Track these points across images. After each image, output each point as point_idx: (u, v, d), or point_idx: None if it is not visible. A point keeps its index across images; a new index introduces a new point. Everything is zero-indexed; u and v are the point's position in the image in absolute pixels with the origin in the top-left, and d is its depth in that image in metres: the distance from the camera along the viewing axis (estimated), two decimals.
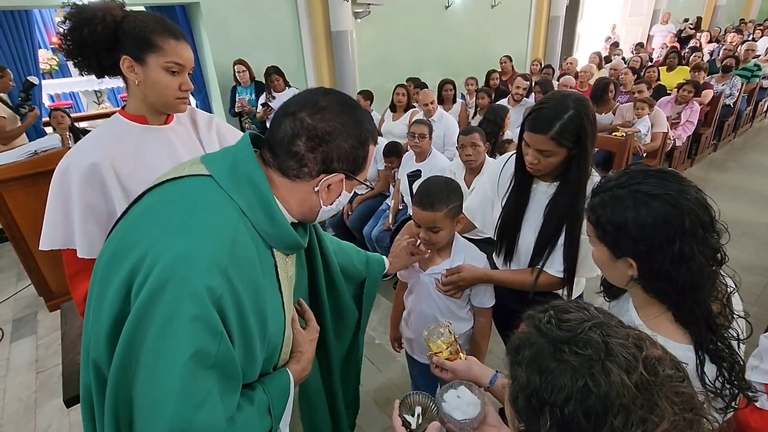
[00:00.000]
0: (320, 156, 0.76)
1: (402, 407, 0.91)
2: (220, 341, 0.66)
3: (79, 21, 1.06)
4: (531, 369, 0.50)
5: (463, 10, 6.79)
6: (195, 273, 0.64)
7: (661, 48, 8.71)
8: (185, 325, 0.63)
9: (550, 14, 8.14)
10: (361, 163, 0.81)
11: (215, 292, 0.65)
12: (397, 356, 2.45)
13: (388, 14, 5.81)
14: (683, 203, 0.74)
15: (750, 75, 5.82)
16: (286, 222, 0.79)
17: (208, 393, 0.66)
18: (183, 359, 0.63)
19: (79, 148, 1.16)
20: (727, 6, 13.78)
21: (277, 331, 0.83)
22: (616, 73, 5.75)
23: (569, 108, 1.15)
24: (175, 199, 0.74)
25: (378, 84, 5.73)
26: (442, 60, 6.73)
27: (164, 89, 1.12)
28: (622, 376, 0.45)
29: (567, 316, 0.52)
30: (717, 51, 7.97)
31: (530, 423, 0.50)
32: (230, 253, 0.68)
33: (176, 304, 0.63)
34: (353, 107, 0.79)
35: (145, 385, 0.65)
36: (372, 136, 0.82)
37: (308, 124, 0.74)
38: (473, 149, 2.33)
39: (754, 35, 9.09)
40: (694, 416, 0.46)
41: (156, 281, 0.64)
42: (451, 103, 4.67)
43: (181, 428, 0.63)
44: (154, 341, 0.64)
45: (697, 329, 0.77)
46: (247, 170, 0.75)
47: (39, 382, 2.48)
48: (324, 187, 0.79)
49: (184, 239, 0.67)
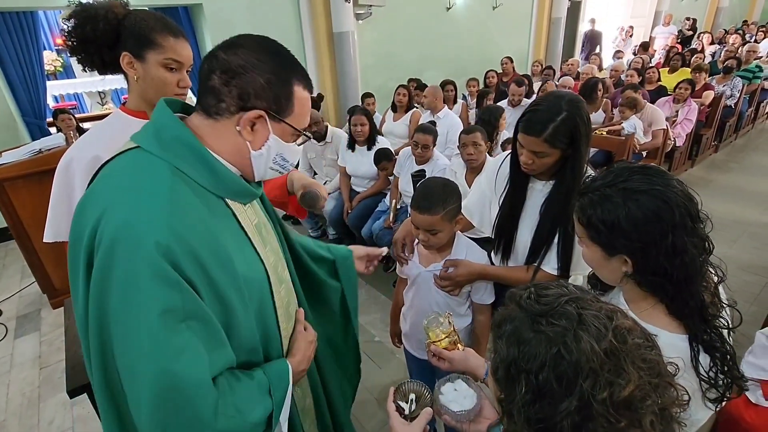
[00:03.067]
0: (235, 90, 0.74)
1: (397, 394, 0.93)
2: (182, 291, 0.67)
3: (83, 18, 1.10)
4: (510, 341, 0.53)
5: (464, 11, 6.82)
6: (138, 234, 0.66)
7: (663, 49, 8.71)
8: (143, 286, 0.65)
9: (551, 16, 8.15)
10: (285, 103, 0.78)
11: (161, 245, 0.65)
12: (396, 353, 2.47)
13: (390, 15, 5.84)
14: (671, 196, 0.75)
15: (752, 76, 5.81)
16: (224, 167, 0.79)
17: (185, 344, 0.67)
18: (151, 319, 0.64)
19: (81, 143, 1.19)
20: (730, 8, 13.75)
21: (255, 276, 0.83)
22: (617, 74, 5.77)
23: (562, 110, 1.16)
24: (107, 176, 0.75)
25: (380, 84, 5.77)
26: (444, 61, 6.76)
27: (163, 85, 1.15)
28: (592, 342, 0.48)
29: (546, 292, 0.55)
30: (719, 52, 7.96)
31: (509, 391, 0.52)
32: (170, 207, 0.69)
33: (129, 268, 0.65)
34: (274, 48, 0.78)
35: (121, 354, 0.67)
36: (299, 78, 0.79)
37: (222, 59, 0.74)
38: (474, 148, 2.35)
39: (757, 37, 9.07)
40: (660, 381, 0.49)
41: (104, 254, 0.66)
42: (452, 104, 4.69)
43: (167, 383, 0.65)
44: (118, 310, 0.65)
45: (691, 320, 0.78)
46: (172, 131, 0.76)
47: (42, 378, 2.51)
48: (246, 126, 0.76)
49: (122, 207, 0.68)
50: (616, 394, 0.46)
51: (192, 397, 0.67)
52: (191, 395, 0.67)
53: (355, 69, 5.45)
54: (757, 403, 1.55)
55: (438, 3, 6.52)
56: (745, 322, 0.83)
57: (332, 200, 3.55)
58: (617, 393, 0.46)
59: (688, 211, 0.76)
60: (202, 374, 0.68)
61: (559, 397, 0.48)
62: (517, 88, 4.22)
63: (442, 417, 0.91)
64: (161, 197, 0.70)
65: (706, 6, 13.20)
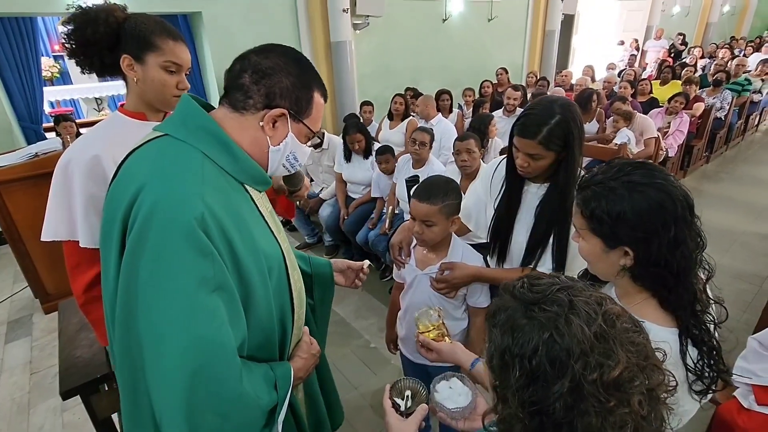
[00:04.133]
0: (263, 89, 0.81)
1: (393, 391, 0.94)
2: (214, 262, 0.72)
3: (83, 21, 1.12)
4: (504, 329, 0.55)
5: (460, 23, 6.93)
6: (178, 206, 0.71)
7: (654, 62, 8.89)
8: (181, 254, 0.69)
9: (545, 28, 8.30)
10: (305, 106, 0.86)
11: (196, 213, 0.70)
12: (392, 359, 2.46)
13: (387, 26, 5.92)
14: (672, 190, 0.78)
15: (741, 89, 5.94)
16: (246, 156, 0.85)
17: (217, 312, 0.71)
18: (189, 285, 0.69)
19: (79, 144, 1.20)
20: (719, 23, 14.10)
21: (273, 254, 0.88)
22: (610, 86, 5.87)
23: (556, 113, 1.19)
24: (142, 157, 0.81)
25: (377, 93, 5.82)
26: (440, 71, 6.84)
27: (162, 87, 1.18)
28: (583, 326, 0.50)
29: (538, 282, 0.57)
30: (708, 66, 8.14)
31: (503, 377, 0.54)
32: (202, 182, 0.75)
33: (165, 237, 0.69)
34: (299, 57, 0.86)
35: (150, 323, 0.69)
36: (318, 86, 0.88)
37: (254, 61, 0.82)
38: (468, 155, 2.38)
39: (745, 51, 9.29)
40: (647, 364, 0.51)
41: (141, 225, 0.70)
42: (447, 113, 4.75)
43: (202, 348, 0.69)
44: (149, 278, 0.69)
45: (684, 312, 0.80)
46: (198, 120, 0.82)
47: (33, 383, 2.47)
48: (269, 123, 0.83)
49: (161, 182, 0.74)
50: (606, 375, 0.48)
51: (222, 364, 0.72)
52: (222, 362, 0.71)
53: (353, 78, 5.51)
54: (750, 408, 1.56)
55: (434, 14, 6.63)
56: (738, 330, 0.86)
57: (328, 207, 3.56)
58: (607, 374, 0.48)
59: (688, 204, 0.78)
60: (231, 343, 0.73)
61: (552, 379, 0.49)
62: (513, 92, 4.27)
63: (437, 414, 0.91)
64: (196, 175, 0.76)
65: (696, 21, 13.52)
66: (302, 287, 1.04)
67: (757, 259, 3.43)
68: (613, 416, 0.48)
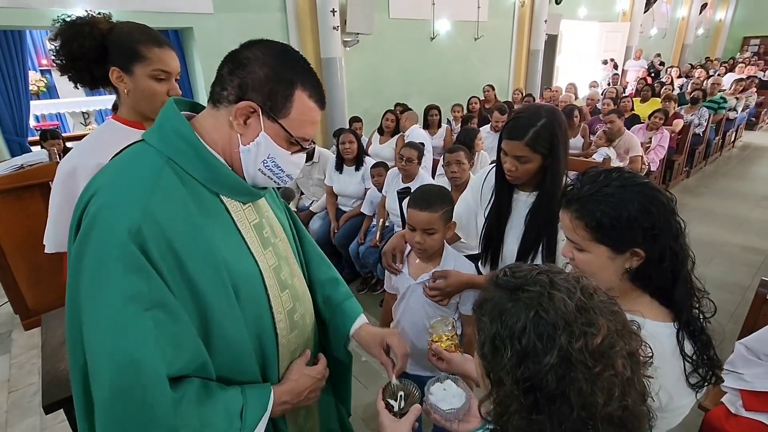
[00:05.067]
0: (237, 80, 0.75)
1: (385, 392, 0.94)
2: (149, 278, 0.67)
3: (69, 36, 1.12)
4: (492, 315, 0.58)
5: (447, 41, 7.11)
6: (114, 216, 0.68)
7: (635, 81, 9.21)
8: (110, 269, 0.66)
9: (530, 48, 8.56)
10: (282, 102, 0.76)
11: (131, 224, 0.67)
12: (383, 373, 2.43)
13: (376, 43, 6.04)
14: (655, 186, 0.83)
15: (717, 107, 6.19)
16: (221, 164, 0.79)
17: (146, 333, 0.66)
18: (115, 303, 0.65)
19: (82, 151, 1.18)
20: (694, 45, 14.76)
21: (246, 274, 0.81)
22: (593, 103, 6.07)
23: (542, 116, 1.23)
24: (109, 165, 0.79)
25: (366, 109, 5.89)
26: (429, 87, 6.98)
27: (153, 96, 1.17)
28: (565, 299, 0.54)
29: (519, 269, 0.61)
30: (686, 85, 8.47)
31: (496, 361, 0.56)
32: (152, 191, 0.71)
33: (99, 251, 0.67)
34: (284, 50, 0.78)
35: (87, 340, 0.67)
36: (304, 84, 0.77)
37: (236, 51, 0.77)
38: (458, 167, 2.42)
39: (720, 71, 9.71)
40: (624, 330, 0.56)
41: (82, 235, 0.69)
42: (436, 128, 4.82)
43: (125, 369, 0.65)
44: (87, 294, 0.67)
45: (685, 306, 0.82)
46: (172, 124, 0.78)
47: (11, 402, 2.38)
48: (238, 118, 0.75)
49: (107, 190, 0.71)
50: (590, 341, 0.52)
51: (149, 389, 0.65)
52: (148, 387, 0.65)
53: (342, 93, 5.58)
54: (737, 413, 1.58)
55: (422, 33, 6.79)
56: (723, 339, 0.88)
57: (319, 219, 3.56)
58: (591, 341, 0.52)
59: (669, 198, 0.83)
60: (159, 368, 0.66)
61: (542, 353, 0.52)
62: (499, 115, 4.39)
63: (431, 417, 0.91)
64: (145, 183, 0.72)
65: (672, 43, 14.12)
66: (299, 309, 0.95)
67: (739, 269, 3.52)
68: (601, 380, 0.52)
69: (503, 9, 7.99)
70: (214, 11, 4.68)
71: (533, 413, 0.53)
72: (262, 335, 0.85)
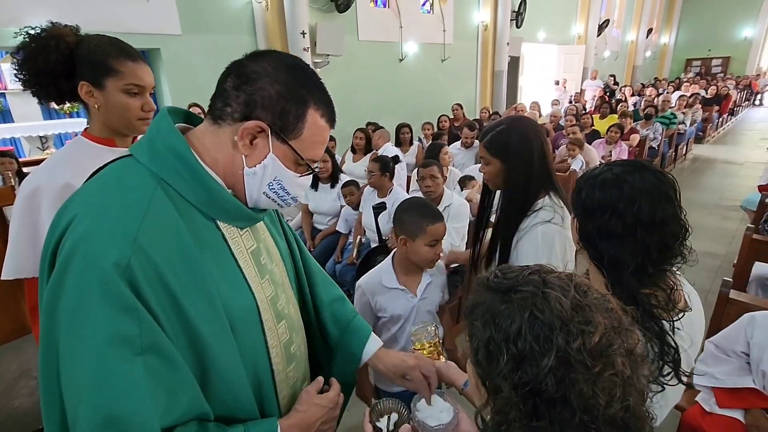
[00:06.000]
0: (243, 96, 0.68)
1: (372, 414, 0.90)
2: (140, 320, 0.59)
3: (33, 50, 1.06)
4: (485, 319, 0.55)
5: (416, 62, 7.33)
6: (97, 248, 0.59)
7: (592, 99, 9.76)
8: (92, 308, 0.58)
9: (494, 68, 8.94)
10: (293, 122, 0.70)
11: (121, 264, 0.59)
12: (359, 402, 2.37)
13: (347, 65, 6.15)
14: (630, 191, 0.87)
15: (668, 122, 6.63)
16: (219, 187, 0.71)
17: (135, 381, 0.58)
18: (96, 346, 0.57)
19: (47, 170, 1.11)
20: (643, 66, 15.88)
21: (241, 307, 0.74)
22: (556, 120, 6.36)
23: (503, 123, 1.31)
24: (90, 183, 0.70)
25: (338, 128, 5.85)
26: (400, 106, 7.12)
27: (125, 111, 1.11)
28: (560, 298, 0.52)
29: (509, 270, 0.59)
30: (639, 102, 9.04)
31: (491, 368, 0.54)
32: (141, 224, 0.62)
33: (80, 285, 0.58)
34: (297, 65, 0.71)
35: (66, 385, 0.59)
36: (317, 103, 0.71)
37: (243, 64, 0.69)
38: (432, 181, 2.45)
39: (668, 90, 10.45)
40: (621, 327, 0.54)
41: (60, 267, 0.60)
42: (408, 145, 4.90)
43: (107, 419, 0.57)
44: (65, 333, 0.59)
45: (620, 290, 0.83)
46: (166, 139, 0.69)
47: None
48: (244, 138, 0.68)
49: (89, 216, 0.62)
50: (588, 340, 0.50)
51: None
52: None
53: None
54: (712, 411, 1.63)
55: (391, 54, 6.98)
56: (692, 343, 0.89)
57: None
58: (589, 339, 0.50)
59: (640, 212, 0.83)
60: (150, 422, 0.58)
61: (539, 356, 0.50)
62: (469, 131, 4.53)
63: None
64: (134, 209, 0.63)
65: (624, 64, 15.12)
66: (296, 341, 0.89)
67: (699, 273, 3.70)
68: (602, 380, 0.50)
69: (468, 32, 8.35)
70: (181, 32, 4.65)
71: (533, 420, 0.51)
72: (257, 370, 0.79)
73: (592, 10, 11.96)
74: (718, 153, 8.18)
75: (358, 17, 6.31)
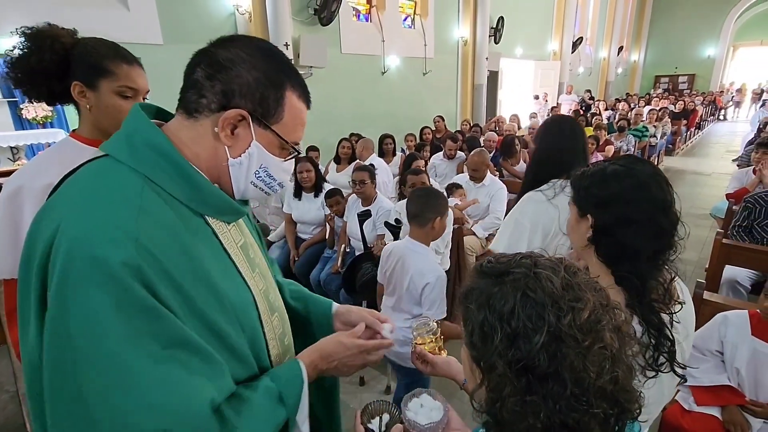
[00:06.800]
0: (219, 86, 0.66)
1: (364, 416, 0.90)
2: (159, 317, 0.58)
3: (27, 49, 1.05)
4: (479, 302, 0.58)
5: (398, 75, 7.45)
6: (99, 252, 0.56)
7: (568, 112, 10.09)
8: (110, 316, 0.55)
9: (474, 82, 9.16)
10: (273, 107, 0.69)
11: (130, 265, 0.56)
12: (351, 403, 2.35)
13: (330, 77, 6.20)
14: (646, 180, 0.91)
15: (641, 135, 6.91)
16: (206, 181, 0.70)
17: (176, 377, 0.58)
18: (131, 354, 0.55)
19: (30, 170, 1.09)
20: (616, 82, 16.56)
21: (242, 303, 0.74)
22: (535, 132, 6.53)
23: None
24: (68, 186, 0.66)
25: (321, 139, 5.93)
26: (382, 118, 7.19)
27: (117, 114, 1.10)
28: (551, 277, 0.55)
29: (502, 255, 0.62)
30: (612, 116, 9.40)
31: (486, 347, 0.56)
32: (137, 221, 0.60)
33: (90, 292, 0.55)
34: (270, 48, 0.71)
35: (95, 394, 0.55)
36: (294, 85, 0.71)
37: (211, 52, 0.67)
38: None
39: (639, 105, 10.91)
40: (609, 305, 0.57)
41: (60, 278, 0.56)
42: (391, 156, 4.95)
43: (165, 426, 0.56)
44: (85, 348, 0.55)
45: (630, 294, 0.87)
46: (144, 136, 0.67)
47: None
48: (225, 128, 0.67)
49: (80, 220, 0.58)
50: (577, 316, 0.53)
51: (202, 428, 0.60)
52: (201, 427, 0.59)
53: None
54: (691, 409, 1.68)
55: (374, 68, 7.07)
56: None
57: (277, 249, 3.47)
58: (578, 316, 0.53)
59: (658, 200, 0.89)
60: (201, 407, 0.60)
61: (532, 332, 0.52)
62: (452, 143, 4.63)
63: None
64: (127, 209, 0.60)
65: (597, 80, 15.73)
66: (286, 330, 0.90)
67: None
68: (591, 354, 0.52)
69: (448, 46, 8.55)
70: (163, 42, 4.62)
71: (527, 395, 0.53)
72: (260, 364, 0.79)
73: (566, 27, 12.45)
74: (688, 164, 8.53)
75: (341, 31, 6.39)
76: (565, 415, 0.52)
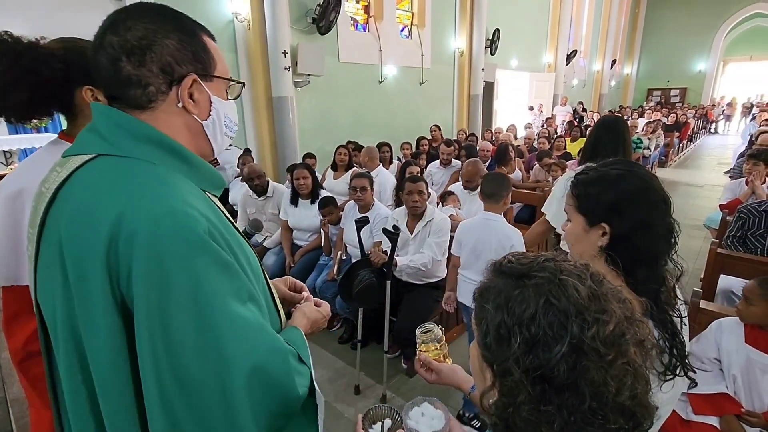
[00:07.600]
0: (154, 66, 0.67)
1: (365, 421, 0.89)
2: (238, 273, 0.66)
3: (30, 62, 0.96)
4: (497, 303, 0.55)
5: (395, 85, 7.50)
6: (183, 223, 0.60)
7: (562, 124, 10.21)
8: (217, 278, 0.62)
9: (470, 92, 9.24)
10: (205, 57, 0.72)
11: (210, 232, 0.63)
12: (345, 413, 2.31)
13: (327, 85, 6.23)
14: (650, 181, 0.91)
15: (635, 147, 6.98)
16: (199, 159, 0.74)
17: (261, 321, 0.68)
18: (228, 305, 0.62)
19: (28, 170, 1.03)
20: (609, 95, 16.79)
21: (256, 265, 0.79)
22: (530, 142, 6.60)
23: None
24: (92, 185, 0.64)
25: (318, 147, 5.95)
26: (379, 127, 7.23)
27: None
28: (577, 286, 0.52)
29: (523, 256, 0.59)
30: None
31: (501, 351, 0.53)
32: (189, 197, 0.65)
33: (193, 265, 0.60)
34: (159, 8, 0.70)
35: (210, 348, 0.61)
36: (200, 28, 0.73)
37: (118, 42, 0.65)
38: (419, 196, 2.49)
39: (632, 116, 11.06)
40: (633, 317, 0.54)
41: (149, 254, 0.58)
42: (388, 164, 4.96)
43: (266, 360, 0.65)
44: (192, 306, 0.60)
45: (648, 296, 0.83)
46: (136, 130, 0.67)
47: None
48: (185, 99, 0.70)
49: (146, 204, 0.60)
50: (602, 330, 0.50)
51: (288, 366, 0.68)
52: (288, 368, 0.68)
53: (294, 131, 5.61)
54: (688, 419, 1.67)
55: (371, 76, 7.12)
56: None
57: (273, 255, 3.44)
58: (603, 329, 0.50)
59: (663, 198, 0.88)
60: (284, 345, 0.70)
61: (553, 342, 0.50)
62: (446, 147, 4.64)
63: None
64: (174, 189, 0.64)
65: (591, 92, 15.96)
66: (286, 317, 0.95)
67: None
68: (614, 368, 0.50)
69: (445, 57, 8.64)
70: None
71: (541, 404, 0.51)
72: (274, 327, 0.84)
73: (560, 40, 12.64)
74: (681, 176, 8.63)
75: (339, 40, 6.44)
76: (580, 428, 0.50)
